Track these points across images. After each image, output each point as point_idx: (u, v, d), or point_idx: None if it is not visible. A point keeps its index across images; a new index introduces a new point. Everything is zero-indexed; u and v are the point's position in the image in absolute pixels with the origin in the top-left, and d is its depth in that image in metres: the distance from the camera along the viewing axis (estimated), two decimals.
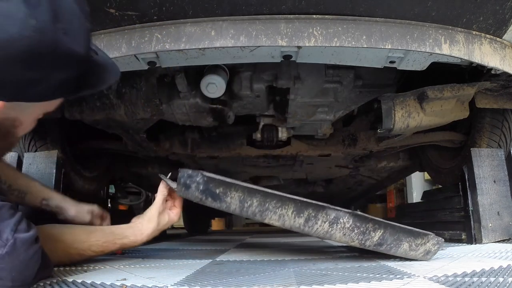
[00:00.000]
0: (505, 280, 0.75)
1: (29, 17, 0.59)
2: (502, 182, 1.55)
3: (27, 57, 0.60)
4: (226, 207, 1.00)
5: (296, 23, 1.04)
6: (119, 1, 1.01)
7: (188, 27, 1.05)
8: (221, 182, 0.99)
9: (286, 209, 1.01)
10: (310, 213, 1.02)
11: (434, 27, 1.09)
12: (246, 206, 1.00)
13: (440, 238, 1.12)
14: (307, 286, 0.77)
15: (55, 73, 0.67)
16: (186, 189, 1.00)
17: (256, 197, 1.00)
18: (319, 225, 1.03)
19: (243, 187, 1.00)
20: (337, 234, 1.05)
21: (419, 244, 1.10)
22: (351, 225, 1.04)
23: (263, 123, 1.76)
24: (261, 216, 1.01)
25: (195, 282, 0.84)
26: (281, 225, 1.03)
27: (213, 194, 0.99)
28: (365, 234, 1.06)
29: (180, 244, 2.23)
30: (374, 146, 1.96)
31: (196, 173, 0.99)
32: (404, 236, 1.08)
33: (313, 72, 1.43)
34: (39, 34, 0.60)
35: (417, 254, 1.12)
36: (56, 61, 0.65)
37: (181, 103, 1.50)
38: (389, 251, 1.10)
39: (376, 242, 1.07)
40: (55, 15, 0.62)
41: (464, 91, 1.43)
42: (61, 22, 0.63)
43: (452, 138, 1.89)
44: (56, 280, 0.85)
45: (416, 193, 4.83)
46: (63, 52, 0.65)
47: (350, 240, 1.07)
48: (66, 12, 0.65)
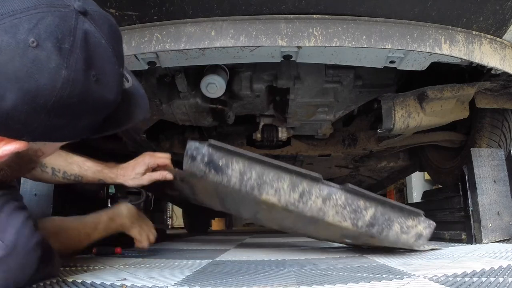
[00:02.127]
0: (505, 280, 0.75)
1: (61, 67, 0.57)
2: (502, 182, 1.55)
3: (56, 107, 0.59)
4: (227, 180, 1.04)
5: (296, 23, 1.04)
6: (119, 1, 1.01)
7: (188, 27, 1.05)
8: (225, 151, 1.04)
9: (282, 182, 1.04)
10: (305, 188, 1.05)
11: (434, 27, 1.09)
12: (246, 179, 1.03)
13: (432, 222, 1.13)
14: (307, 286, 0.77)
15: (83, 119, 0.66)
16: (192, 161, 1.04)
17: (255, 169, 1.04)
18: (312, 201, 1.05)
19: (244, 157, 1.04)
20: (330, 211, 1.06)
21: (410, 226, 1.10)
22: (343, 202, 1.06)
23: (263, 123, 1.76)
24: (259, 190, 1.04)
25: (195, 282, 0.84)
26: (277, 201, 1.05)
27: (216, 166, 1.03)
28: (357, 212, 1.07)
29: (180, 244, 2.23)
30: (374, 146, 1.96)
31: (203, 145, 1.04)
32: (395, 215, 1.09)
33: (313, 72, 1.43)
34: (70, 85, 0.58)
35: (409, 238, 1.12)
36: (84, 109, 0.63)
37: (181, 103, 1.50)
38: (381, 234, 1.10)
39: (368, 222, 1.08)
40: (88, 62, 0.60)
41: (464, 91, 1.43)
42: (93, 69, 0.61)
43: (452, 138, 1.89)
44: (56, 280, 0.85)
45: (416, 193, 4.83)
46: (93, 100, 0.63)
47: (343, 219, 1.07)
48: (99, 58, 0.62)
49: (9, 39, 0.54)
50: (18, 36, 0.55)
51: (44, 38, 0.55)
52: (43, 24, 0.56)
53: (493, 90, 1.53)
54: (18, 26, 0.55)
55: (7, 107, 0.56)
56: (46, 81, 0.56)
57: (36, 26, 0.55)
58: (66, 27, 0.57)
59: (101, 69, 0.62)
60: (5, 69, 0.55)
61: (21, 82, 0.56)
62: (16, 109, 0.56)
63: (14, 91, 0.55)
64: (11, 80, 0.55)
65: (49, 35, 0.56)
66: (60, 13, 0.57)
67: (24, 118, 0.58)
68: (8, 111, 0.56)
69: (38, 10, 0.56)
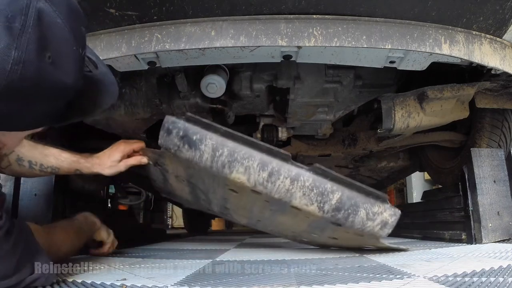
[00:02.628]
0: (505, 280, 0.75)
1: (11, 48, 0.53)
2: (502, 182, 1.55)
3: (7, 91, 0.54)
4: (199, 156, 1.06)
5: (296, 23, 1.04)
6: (119, 1, 1.01)
7: (188, 27, 1.05)
8: (201, 124, 1.07)
9: (252, 160, 1.05)
10: (274, 167, 1.06)
11: (434, 27, 1.09)
12: (217, 155, 1.05)
13: (397, 209, 1.13)
14: (307, 286, 0.77)
15: (39, 105, 0.61)
16: (168, 135, 1.07)
17: (227, 146, 1.06)
18: (281, 181, 1.06)
19: (218, 131, 1.07)
20: (297, 193, 1.07)
21: (376, 213, 1.11)
22: (311, 184, 1.07)
23: (263, 123, 1.76)
24: (229, 167, 1.05)
25: (195, 282, 0.84)
26: (246, 180, 1.06)
27: (190, 141, 1.06)
28: (324, 195, 1.07)
29: (180, 244, 2.23)
30: (374, 146, 1.96)
31: (179, 119, 1.07)
32: (361, 201, 1.09)
33: (313, 72, 1.43)
34: (21, 67, 0.53)
35: (375, 226, 1.12)
36: (39, 94, 0.59)
37: (181, 103, 1.50)
38: (347, 219, 1.10)
39: (334, 206, 1.08)
40: (41, 42, 0.55)
41: (464, 91, 1.43)
42: (48, 51, 0.56)
43: (452, 138, 1.89)
44: (56, 280, 0.85)
45: (416, 193, 4.84)
46: (48, 84, 0.59)
47: (309, 202, 1.08)
48: (55, 39, 0.58)
49: None
50: None
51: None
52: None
53: (493, 90, 1.53)
54: None
55: None
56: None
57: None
58: (17, 5, 0.53)
59: (57, 50, 0.58)
60: None
61: None
62: None
63: None
64: None
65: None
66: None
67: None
68: None
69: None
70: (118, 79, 1.42)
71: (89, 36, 1.09)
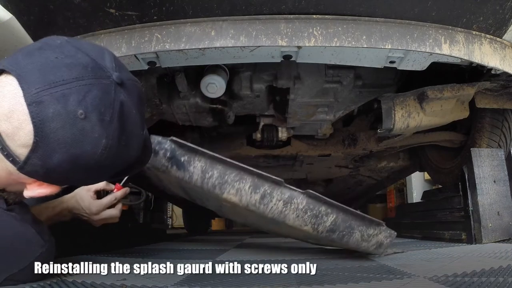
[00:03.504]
0: (505, 280, 0.75)
1: (102, 137, 0.65)
2: (502, 182, 1.55)
3: (93, 167, 0.68)
4: (189, 177, 1.04)
5: (296, 23, 1.04)
6: (119, 1, 1.01)
7: (188, 27, 1.05)
8: (188, 148, 1.04)
9: (243, 183, 1.03)
10: (266, 190, 1.04)
11: (434, 27, 1.09)
12: (207, 177, 1.03)
13: (393, 231, 1.13)
14: (307, 286, 0.77)
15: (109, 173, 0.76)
16: (155, 156, 1.05)
17: (217, 168, 1.03)
18: (273, 203, 1.04)
19: (206, 155, 1.04)
20: (290, 215, 1.06)
21: (372, 235, 1.10)
22: (304, 207, 1.05)
23: (263, 123, 1.76)
24: (220, 189, 1.04)
25: (195, 282, 0.84)
26: (238, 201, 1.04)
27: (178, 162, 1.04)
28: (318, 217, 1.06)
29: (180, 244, 2.23)
30: (374, 146, 1.96)
31: (165, 140, 1.05)
32: (356, 223, 1.09)
33: (313, 72, 1.43)
34: (107, 151, 0.67)
35: (370, 246, 1.12)
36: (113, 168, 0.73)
37: (181, 103, 1.50)
38: (341, 240, 1.10)
39: (328, 227, 1.07)
40: (121, 129, 0.68)
41: (464, 91, 1.43)
42: (124, 135, 0.69)
43: (452, 138, 1.89)
44: (56, 280, 0.85)
45: (416, 193, 4.83)
46: (121, 161, 0.73)
47: (303, 224, 1.07)
48: (130, 125, 0.70)
49: (60, 108, 0.62)
50: (68, 107, 0.62)
51: (90, 110, 0.64)
52: (90, 97, 0.64)
53: (493, 90, 1.53)
54: (68, 97, 0.62)
55: (52, 165, 0.65)
56: (89, 148, 0.65)
57: (84, 99, 0.63)
58: (107, 100, 0.66)
59: (130, 134, 0.71)
60: (55, 134, 0.63)
61: (68, 146, 0.64)
62: (60, 166, 0.65)
63: (61, 153, 0.64)
64: (59, 144, 0.63)
65: (94, 108, 0.64)
66: (102, 86, 0.66)
67: (64, 173, 0.67)
68: (52, 167, 0.65)
69: (85, 82, 0.64)
70: None
71: (89, 36, 1.09)
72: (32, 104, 0.62)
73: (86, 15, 1.05)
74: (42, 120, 0.62)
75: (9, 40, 1.21)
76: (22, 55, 0.66)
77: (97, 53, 0.69)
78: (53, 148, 0.63)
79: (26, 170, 0.66)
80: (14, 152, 0.65)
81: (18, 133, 0.64)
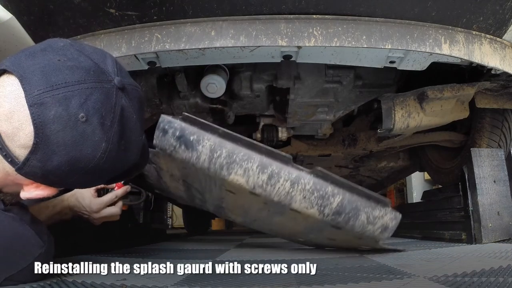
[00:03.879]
0: (505, 280, 0.75)
1: (102, 141, 0.66)
2: (502, 182, 1.55)
3: (91, 170, 0.68)
4: (197, 157, 1.03)
5: (296, 23, 1.04)
6: (119, 1, 1.01)
7: (188, 27, 1.05)
8: (199, 124, 1.04)
9: (251, 162, 1.03)
10: (274, 170, 1.03)
11: (434, 27, 1.09)
12: (215, 156, 1.03)
13: (398, 213, 1.11)
14: (307, 286, 0.77)
15: (107, 177, 0.75)
16: (163, 135, 1.04)
17: (226, 147, 1.03)
18: (281, 184, 1.03)
19: (216, 132, 1.03)
20: (297, 196, 1.05)
21: (377, 217, 1.09)
22: (311, 187, 1.04)
23: (263, 123, 1.76)
24: (228, 169, 1.03)
25: (195, 282, 0.84)
26: (245, 182, 1.03)
27: (186, 141, 1.03)
28: (324, 198, 1.05)
29: (180, 244, 2.23)
30: (374, 146, 1.96)
31: (176, 118, 1.05)
32: (362, 204, 1.07)
33: (313, 72, 1.43)
34: (106, 155, 0.67)
35: (375, 229, 1.11)
36: (111, 171, 0.73)
37: (181, 103, 1.50)
38: (347, 223, 1.08)
39: (334, 209, 1.06)
40: (121, 134, 0.68)
41: (464, 91, 1.43)
42: (123, 140, 0.69)
43: (452, 138, 1.89)
44: (56, 280, 0.85)
45: (416, 193, 4.83)
46: (120, 165, 0.73)
47: (310, 205, 1.06)
48: (129, 130, 0.70)
49: (62, 111, 0.62)
50: (70, 109, 0.62)
51: (91, 114, 0.64)
52: (91, 101, 0.64)
53: (493, 90, 1.53)
54: (70, 99, 0.63)
55: (51, 167, 0.65)
56: (89, 151, 0.65)
57: (86, 103, 0.63)
58: (109, 104, 0.66)
59: (129, 138, 0.71)
60: (55, 136, 0.63)
61: (68, 149, 0.64)
62: (59, 169, 0.65)
63: (61, 155, 0.64)
64: (59, 146, 0.63)
65: (96, 112, 0.64)
66: (104, 90, 0.66)
67: (62, 176, 0.67)
68: (51, 169, 0.65)
69: (88, 85, 0.64)
70: None
71: (89, 36, 1.09)
72: (34, 106, 0.62)
73: (86, 15, 1.05)
74: (43, 122, 0.62)
75: (9, 40, 1.21)
76: (25, 56, 0.66)
77: (99, 57, 0.69)
78: (53, 150, 0.63)
79: (24, 171, 0.66)
80: (13, 152, 0.65)
81: (18, 133, 0.64)
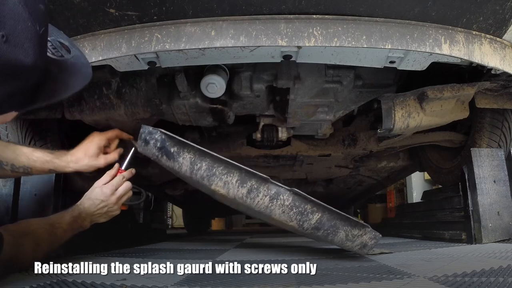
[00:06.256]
0: (505, 280, 0.75)
1: None
2: (502, 182, 1.55)
3: None
4: (178, 167, 1.07)
5: (296, 23, 1.04)
6: (119, 1, 1.01)
7: (188, 27, 1.05)
8: (176, 140, 1.07)
9: (231, 176, 1.06)
10: (253, 185, 1.06)
11: (434, 27, 1.09)
12: (196, 168, 1.06)
13: (378, 233, 1.13)
14: (307, 286, 0.77)
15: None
16: (145, 145, 1.09)
17: (206, 161, 1.06)
18: (260, 198, 1.07)
19: (195, 148, 1.07)
20: (276, 210, 1.07)
21: (356, 235, 1.11)
22: (290, 204, 1.07)
23: (263, 123, 1.76)
24: (208, 181, 1.06)
25: (195, 282, 0.85)
26: (226, 193, 1.07)
27: (168, 152, 1.08)
28: (303, 215, 1.07)
29: (180, 244, 2.23)
30: (374, 146, 1.96)
31: (156, 130, 1.09)
32: (341, 224, 1.09)
33: (313, 72, 1.43)
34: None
35: (354, 246, 1.13)
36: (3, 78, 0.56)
37: (181, 103, 1.50)
38: (326, 238, 1.11)
39: (313, 225, 1.08)
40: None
41: (464, 91, 1.43)
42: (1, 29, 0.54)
43: (452, 138, 1.89)
44: (56, 280, 0.85)
45: (416, 193, 4.83)
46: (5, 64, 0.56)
47: (289, 220, 1.08)
48: (7, 16, 0.55)
49: None
50: None
51: None
52: None
53: (493, 90, 1.53)
54: None
55: None
56: None
57: None
58: None
59: (11, 27, 0.55)
60: None
61: None
62: None
63: None
64: None
65: None
66: None
67: None
68: None
69: None
70: (118, 79, 1.42)
71: (89, 36, 1.09)
72: None
73: (86, 15, 1.05)
74: None
75: None
76: None
77: None
78: None
79: None
80: None
81: None
